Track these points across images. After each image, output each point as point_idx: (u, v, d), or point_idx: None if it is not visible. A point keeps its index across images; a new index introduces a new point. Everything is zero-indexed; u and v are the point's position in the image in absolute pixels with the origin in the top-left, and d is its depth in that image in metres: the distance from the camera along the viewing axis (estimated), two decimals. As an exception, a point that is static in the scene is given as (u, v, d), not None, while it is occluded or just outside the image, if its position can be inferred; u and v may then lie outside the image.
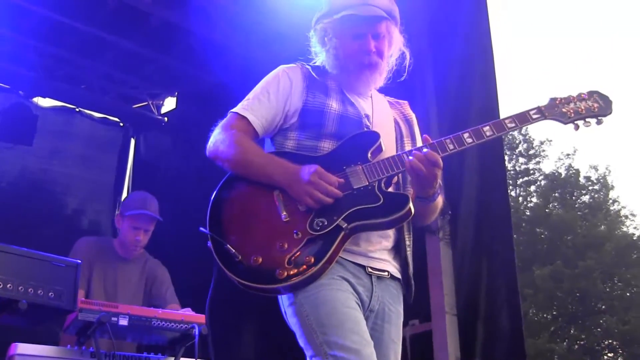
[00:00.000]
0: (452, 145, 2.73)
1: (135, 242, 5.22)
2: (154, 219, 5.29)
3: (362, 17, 2.85)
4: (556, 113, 2.86)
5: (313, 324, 2.53)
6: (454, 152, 2.73)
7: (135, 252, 5.29)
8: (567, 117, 2.86)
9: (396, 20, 2.96)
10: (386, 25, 2.90)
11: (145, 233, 5.27)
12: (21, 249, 3.48)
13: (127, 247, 5.26)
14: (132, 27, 7.42)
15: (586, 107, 2.88)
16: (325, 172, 2.63)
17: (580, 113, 2.87)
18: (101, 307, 4.12)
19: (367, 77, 2.94)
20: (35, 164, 8.56)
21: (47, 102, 8.66)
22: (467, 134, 2.76)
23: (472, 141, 2.76)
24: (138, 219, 5.23)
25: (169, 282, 5.36)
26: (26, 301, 3.36)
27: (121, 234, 5.31)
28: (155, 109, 9.32)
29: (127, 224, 5.24)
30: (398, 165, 2.71)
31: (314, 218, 2.60)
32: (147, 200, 5.34)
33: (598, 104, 2.89)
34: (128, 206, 5.34)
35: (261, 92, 2.89)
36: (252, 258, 2.55)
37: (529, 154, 32.65)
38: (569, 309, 27.80)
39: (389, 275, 2.79)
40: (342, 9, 2.90)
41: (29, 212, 8.13)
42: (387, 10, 2.90)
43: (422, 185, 2.72)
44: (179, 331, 4.36)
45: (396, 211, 2.61)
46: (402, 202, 2.63)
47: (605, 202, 31.95)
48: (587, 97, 2.90)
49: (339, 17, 2.90)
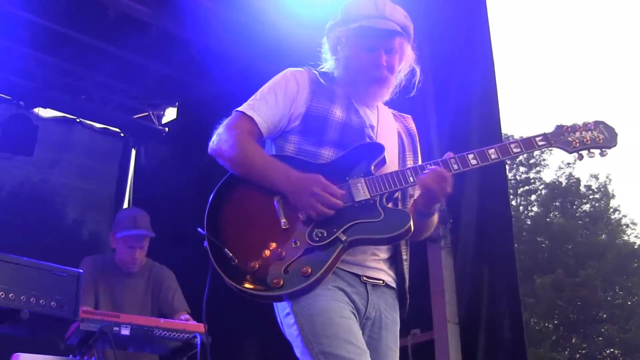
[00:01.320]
0: (457, 165, 2.73)
1: (133, 261, 5.22)
2: (147, 237, 5.28)
3: (377, 30, 2.84)
4: (561, 141, 2.86)
5: (308, 334, 2.52)
6: (458, 172, 2.73)
7: (135, 269, 5.28)
8: (572, 147, 2.86)
9: (410, 37, 2.95)
10: (399, 41, 2.90)
11: (141, 249, 5.26)
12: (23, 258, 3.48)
13: (126, 267, 5.25)
14: (133, 37, 7.42)
15: (591, 137, 2.88)
16: (329, 184, 2.61)
17: (585, 143, 2.88)
18: (103, 316, 4.11)
19: (375, 91, 2.93)
20: (36, 175, 8.56)
21: (48, 112, 8.68)
22: (472, 155, 2.76)
23: (476, 163, 2.76)
24: (130, 239, 5.21)
25: (175, 286, 5.34)
26: (28, 311, 3.35)
27: (117, 253, 5.29)
28: (156, 119, 9.32)
29: (121, 245, 5.24)
30: (401, 181, 2.70)
31: (313, 228, 2.58)
32: (137, 218, 5.31)
33: (603, 136, 2.89)
34: (119, 226, 5.31)
35: (268, 93, 2.87)
36: (250, 263, 2.53)
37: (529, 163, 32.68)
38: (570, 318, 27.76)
39: (384, 284, 2.78)
40: (358, 19, 2.89)
41: (29, 223, 8.12)
42: (402, 25, 2.89)
43: (430, 202, 2.72)
44: (181, 340, 4.36)
45: (396, 229, 2.60)
46: (403, 220, 2.62)
47: (606, 211, 31.95)
48: (593, 127, 2.90)
49: (354, 27, 2.89)
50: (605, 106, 56.09)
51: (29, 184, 8.51)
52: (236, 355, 7.11)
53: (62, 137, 8.84)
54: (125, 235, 5.21)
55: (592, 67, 67.18)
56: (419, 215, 2.77)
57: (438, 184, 2.63)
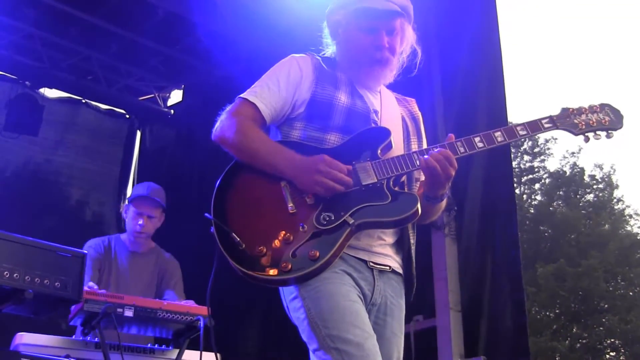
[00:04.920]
0: (463, 148, 2.72)
1: (138, 227, 5.18)
2: (158, 205, 5.26)
3: (378, 11, 2.83)
4: (568, 123, 2.87)
5: (315, 318, 2.52)
6: (464, 155, 2.72)
7: (140, 240, 5.26)
8: (578, 129, 2.88)
9: (410, 17, 2.94)
10: (400, 21, 2.89)
11: (149, 219, 5.23)
12: (27, 238, 3.47)
13: (132, 236, 5.24)
14: (139, 19, 7.43)
15: (597, 119, 2.90)
16: (333, 160, 2.60)
17: (591, 125, 2.89)
18: (107, 297, 4.12)
19: (378, 72, 2.91)
20: (40, 155, 8.60)
21: (54, 93, 8.70)
22: (478, 137, 2.75)
23: (483, 146, 2.75)
24: (140, 203, 5.21)
25: (179, 276, 5.32)
26: (32, 290, 3.35)
27: (126, 223, 5.30)
28: (162, 101, 9.35)
29: (131, 210, 5.24)
30: (408, 164, 2.69)
31: (320, 212, 2.58)
32: (152, 187, 5.33)
33: (609, 117, 2.91)
34: (133, 192, 5.38)
35: (270, 80, 2.86)
36: (257, 248, 2.52)
37: (534, 152, 32.59)
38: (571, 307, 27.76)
39: (391, 270, 2.79)
40: (358, 1, 2.88)
41: (33, 203, 8.16)
42: (402, 6, 2.88)
43: (435, 184, 2.70)
44: (184, 323, 4.36)
45: (404, 211, 2.59)
46: (411, 202, 2.61)
47: (610, 201, 31.88)
48: (598, 109, 2.92)
49: (354, 9, 2.88)
50: (611, 97, 55.89)
51: (34, 164, 8.54)
52: (238, 339, 7.15)
53: (68, 118, 8.87)
54: (135, 196, 5.25)
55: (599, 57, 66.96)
56: (426, 199, 2.76)
57: (441, 166, 2.62)
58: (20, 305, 3.42)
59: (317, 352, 2.51)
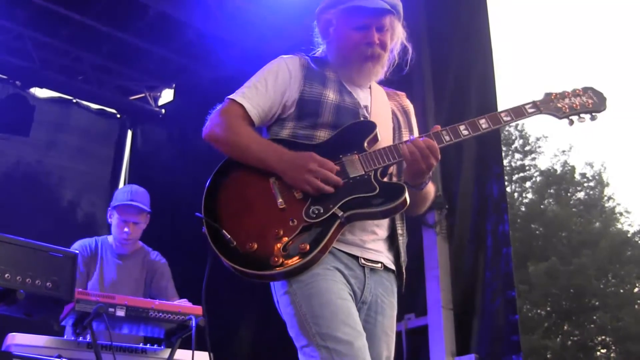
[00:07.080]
0: (448, 136, 2.75)
1: (125, 235, 5.15)
2: (142, 211, 5.21)
3: (368, 10, 2.85)
4: (551, 108, 2.90)
5: (306, 314, 2.53)
6: (450, 143, 2.74)
7: (127, 246, 5.23)
8: (562, 112, 2.91)
9: (399, 14, 2.96)
10: (390, 19, 2.91)
11: (135, 225, 5.19)
12: (19, 239, 3.47)
13: (118, 242, 5.21)
14: (130, 18, 7.42)
15: (581, 103, 2.93)
16: (324, 159, 2.63)
17: (574, 109, 2.92)
18: (98, 298, 4.11)
19: (369, 69, 2.93)
20: (32, 155, 8.57)
21: (44, 93, 8.68)
22: (462, 126, 2.78)
23: (468, 133, 2.78)
24: (124, 210, 5.16)
25: (169, 275, 5.29)
26: (24, 291, 3.35)
27: (112, 228, 5.25)
28: (153, 101, 9.34)
29: (116, 217, 5.19)
30: (394, 155, 2.71)
31: (309, 206, 2.60)
32: (135, 192, 5.25)
33: (592, 100, 2.95)
34: (116, 198, 5.28)
35: (259, 81, 2.88)
36: (248, 244, 2.54)
37: (524, 150, 32.62)
38: (563, 305, 27.82)
39: (382, 267, 2.79)
40: (348, 0, 2.90)
41: (24, 203, 8.12)
42: (392, 3, 2.90)
43: (414, 173, 2.72)
44: (175, 322, 4.36)
45: (392, 201, 2.61)
46: (398, 192, 2.63)
47: (601, 199, 31.94)
48: (581, 93, 2.96)
49: (344, 8, 2.90)
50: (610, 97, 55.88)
51: (25, 165, 8.51)
52: (231, 338, 7.14)
53: (59, 118, 8.85)
54: (119, 204, 5.17)
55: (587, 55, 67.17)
56: (408, 187, 2.76)
57: (422, 153, 2.64)
58: (12, 305, 3.42)
59: (305, 348, 2.52)
